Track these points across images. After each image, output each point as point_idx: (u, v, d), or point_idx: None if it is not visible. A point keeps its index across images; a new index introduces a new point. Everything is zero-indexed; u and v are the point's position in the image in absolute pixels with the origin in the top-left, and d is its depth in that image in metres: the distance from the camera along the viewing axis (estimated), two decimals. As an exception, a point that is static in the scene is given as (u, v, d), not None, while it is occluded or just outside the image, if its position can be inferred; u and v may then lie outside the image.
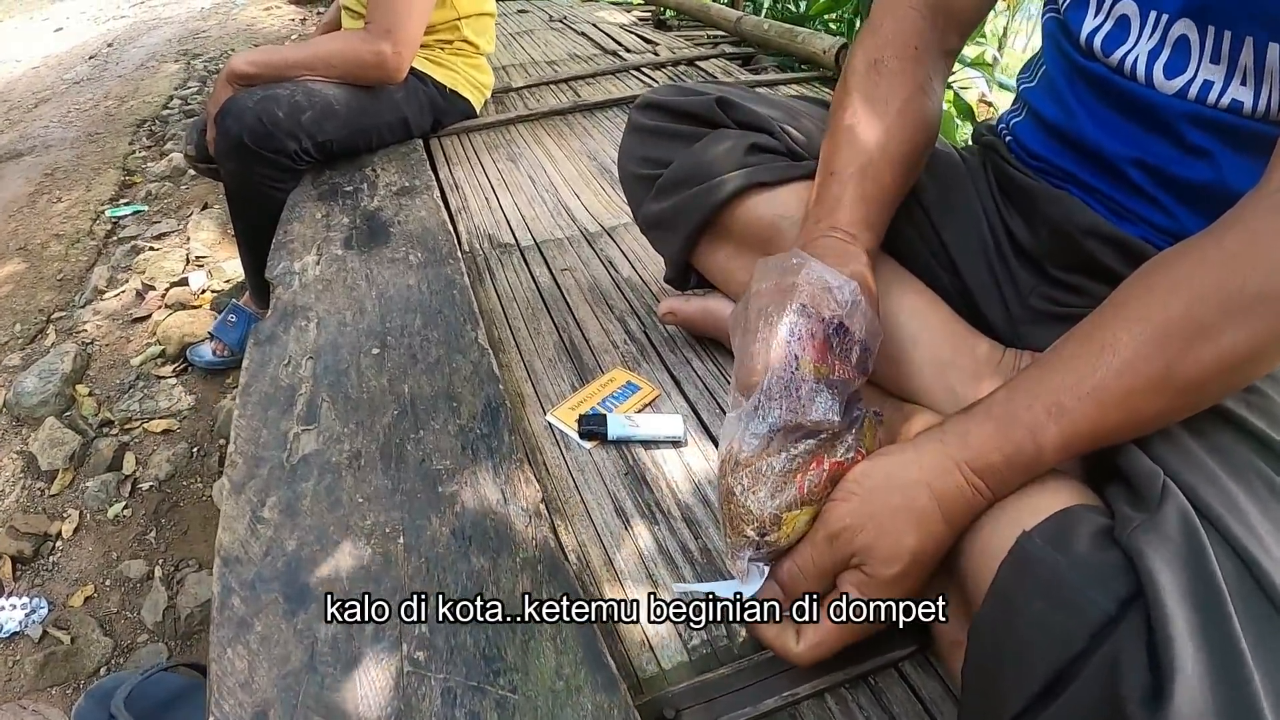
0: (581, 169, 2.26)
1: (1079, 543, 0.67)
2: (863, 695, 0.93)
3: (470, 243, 1.93)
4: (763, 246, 1.18)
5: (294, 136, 2.05)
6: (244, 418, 1.26)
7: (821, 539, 0.80)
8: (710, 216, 1.21)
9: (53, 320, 3.09)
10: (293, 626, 0.95)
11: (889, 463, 0.80)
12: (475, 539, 1.05)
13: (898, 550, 0.76)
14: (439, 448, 1.19)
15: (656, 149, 1.33)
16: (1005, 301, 1.10)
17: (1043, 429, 0.73)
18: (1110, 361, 0.72)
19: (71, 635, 1.92)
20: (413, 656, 0.91)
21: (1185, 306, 0.70)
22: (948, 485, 0.75)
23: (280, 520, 1.08)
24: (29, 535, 2.16)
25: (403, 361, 1.37)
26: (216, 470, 2.32)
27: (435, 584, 0.99)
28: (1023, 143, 1.11)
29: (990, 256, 1.11)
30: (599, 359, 1.49)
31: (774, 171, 1.17)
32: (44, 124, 5.01)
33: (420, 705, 0.87)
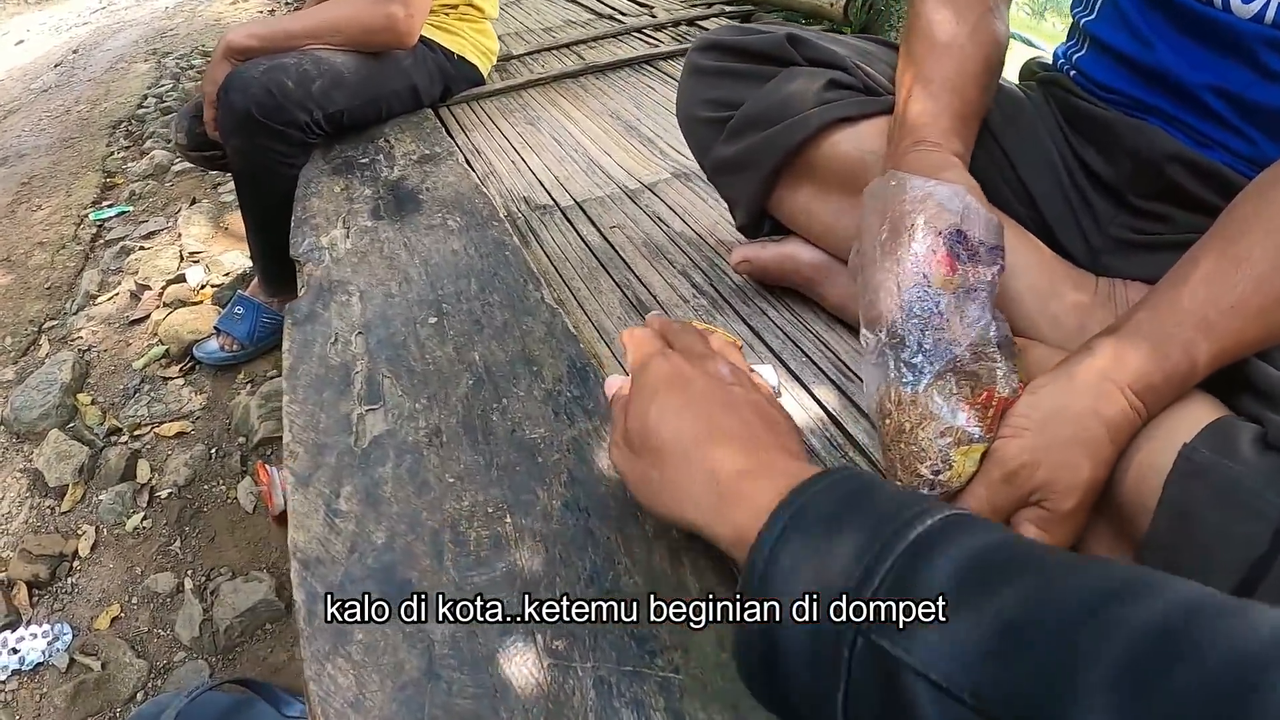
0: (606, 128, 2.14)
1: (1243, 449, 0.68)
2: None
3: (506, 206, 1.80)
4: (847, 185, 1.13)
5: (304, 107, 1.92)
6: (296, 403, 1.13)
7: (998, 478, 0.77)
8: (791, 155, 1.15)
9: (45, 330, 2.95)
10: (401, 630, 0.81)
11: (1053, 394, 0.78)
12: (593, 509, 0.92)
13: (1076, 482, 0.74)
14: (529, 415, 1.06)
15: (724, 90, 1.26)
16: (1084, 232, 1.09)
17: (1195, 346, 0.74)
18: (1248, 274, 0.73)
19: (101, 660, 1.78)
20: (551, 647, 0.78)
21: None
22: (1114, 410, 0.74)
23: (362, 511, 0.94)
24: (44, 557, 2.01)
25: (466, 328, 1.23)
26: (239, 471, 2.18)
27: (559, 564, 0.86)
28: (1091, 76, 1.10)
29: (1065, 189, 1.10)
30: (670, 314, 1.37)
31: (857, 105, 1.13)
32: (15, 135, 4.86)
33: (571, 700, 0.74)
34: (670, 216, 1.66)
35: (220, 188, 3.62)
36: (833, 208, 1.18)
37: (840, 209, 1.17)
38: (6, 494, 2.24)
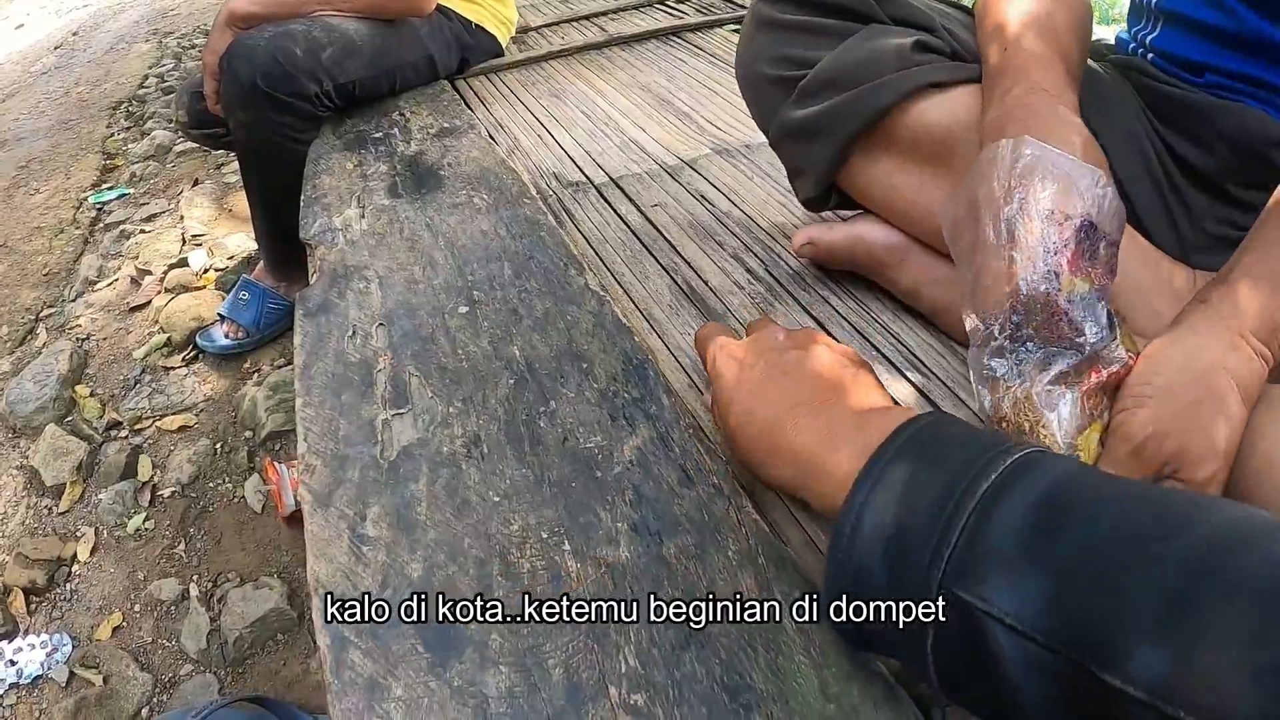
0: (639, 101, 2.00)
1: None
2: None
3: (535, 183, 1.66)
4: (933, 158, 1.04)
5: (314, 77, 1.79)
6: (311, 406, 0.99)
7: (1126, 455, 0.72)
8: (873, 122, 1.04)
9: (42, 318, 2.85)
10: (448, 684, 0.68)
11: (1174, 355, 0.74)
12: (665, 532, 0.78)
13: (1212, 446, 0.69)
14: (582, 421, 0.92)
15: (797, 46, 1.13)
16: (1176, 226, 1.03)
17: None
18: None
19: (103, 674, 1.67)
20: (629, 702, 0.65)
21: None
22: (1240, 362, 0.71)
23: (393, 537, 0.81)
24: (41, 562, 1.90)
25: (503, 319, 1.10)
26: (246, 467, 2.06)
27: (628, 593, 0.73)
28: (1177, 55, 1.05)
29: (1156, 177, 1.03)
30: (725, 302, 1.24)
31: (949, 70, 1.03)
32: (13, 118, 4.79)
33: (657, 775, 0.61)
34: (715, 195, 1.52)
35: (224, 168, 3.50)
36: (915, 182, 1.06)
37: (924, 184, 1.05)
38: (1, 494, 2.12)
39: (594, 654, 0.68)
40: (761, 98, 1.20)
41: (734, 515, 0.79)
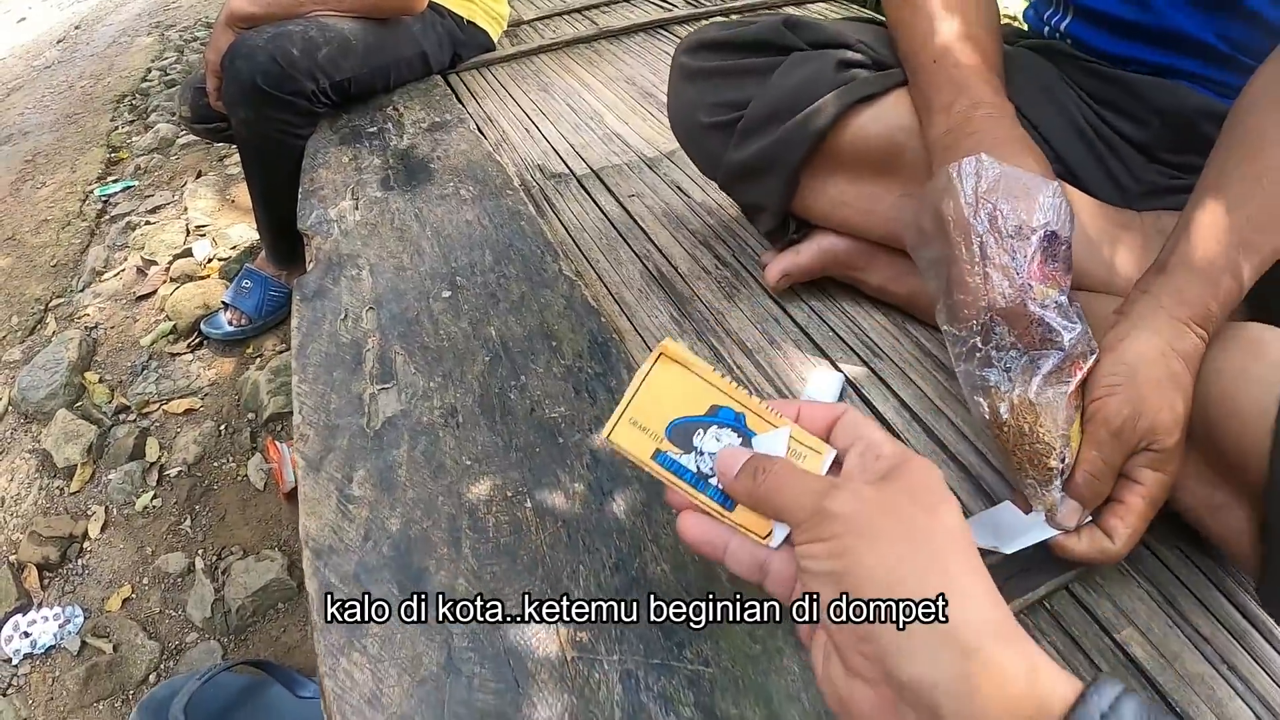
0: (623, 95, 2.07)
1: None
2: (1043, 619, 0.88)
3: (520, 175, 1.74)
4: (880, 168, 1.08)
5: (311, 76, 1.86)
6: (305, 383, 1.08)
7: (1107, 438, 0.78)
8: (815, 147, 1.08)
9: (51, 308, 2.91)
10: (419, 624, 0.77)
11: (1132, 345, 0.79)
12: (618, 491, 0.87)
13: (1176, 417, 0.76)
14: (548, 393, 1.01)
15: (726, 91, 1.17)
16: (1115, 178, 1.08)
17: (1239, 267, 0.78)
18: (1272, 189, 0.77)
19: (114, 643, 1.76)
20: (576, 639, 0.74)
21: None
22: (1186, 345, 0.77)
23: (375, 496, 0.90)
24: (53, 539, 1.98)
25: (481, 302, 1.19)
26: (249, 447, 2.14)
27: (583, 550, 0.82)
28: (1093, 46, 1.11)
29: (1090, 141, 1.09)
30: (692, 287, 1.32)
31: (876, 82, 1.06)
32: (18, 112, 4.80)
33: (597, 695, 0.71)
34: (690, 186, 1.60)
35: (226, 160, 3.57)
36: (867, 192, 1.11)
37: (875, 192, 1.10)
38: (15, 475, 2.20)
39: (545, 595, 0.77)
40: (702, 146, 1.24)
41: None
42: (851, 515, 0.51)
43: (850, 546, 0.51)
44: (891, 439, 0.59)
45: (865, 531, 0.51)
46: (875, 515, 0.51)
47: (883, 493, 0.53)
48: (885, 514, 0.51)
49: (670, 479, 0.61)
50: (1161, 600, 0.87)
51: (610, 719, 0.69)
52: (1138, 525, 0.79)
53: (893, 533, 0.50)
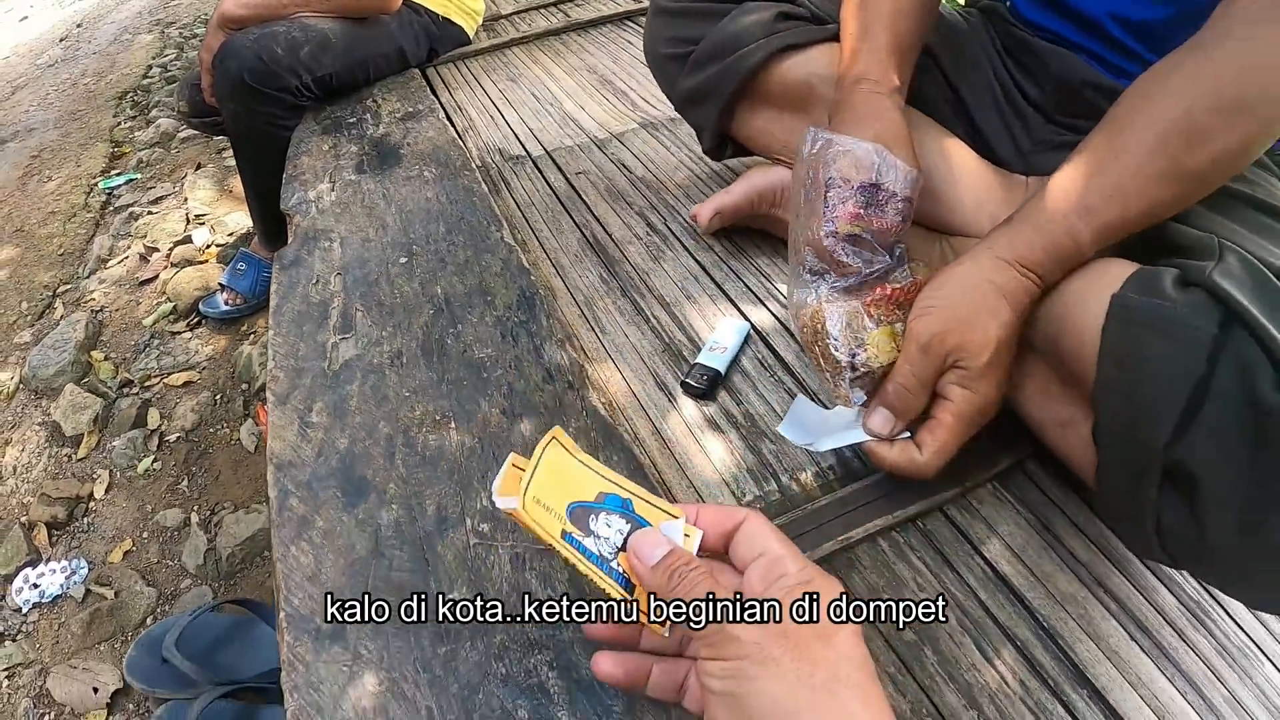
0: (583, 83, 2.22)
1: (1166, 289, 0.76)
2: (913, 536, 0.97)
3: (481, 157, 1.89)
4: (799, 106, 1.27)
5: (294, 72, 2.02)
6: (280, 335, 1.25)
7: (916, 352, 0.87)
8: (745, 83, 1.27)
9: (59, 294, 3.06)
10: (354, 518, 0.94)
11: (955, 274, 0.89)
12: (527, 416, 1.04)
13: (986, 339, 0.85)
14: (479, 338, 1.18)
15: (685, 28, 1.38)
16: (1015, 139, 1.20)
17: (1076, 227, 0.84)
18: (1125, 164, 0.83)
19: (115, 590, 1.92)
20: (478, 530, 0.90)
21: (1184, 113, 0.81)
22: (1008, 280, 0.85)
23: (329, 422, 1.07)
24: (61, 500, 2.15)
25: (432, 266, 1.35)
26: (242, 414, 2.31)
27: (490, 459, 0.98)
28: (1020, 13, 1.23)
29: (1000, 104, 1.21)
30: (623, 250, 1.48)
31: (802, 35, 1.25)
32: (23, 110, 4.91)
33: (491, 573, 0.87)
34: (634, 163, 1.75)
35: (224, 153, 3.72)
36: (787, 126, 1.31)
37: (794, 127, 1.29)
38: (26, 446, 2.37)
39: (458, 495, 0.94)
40: (663, 72, 1.46)
41: (577, 404, 1.05)
42: (751, 641, 0.53)
43: (749, 672, 0.52)
44: (795, 554, 0.60)
45: (764, 659, 0.52)
46: (775, 643, 0.53)
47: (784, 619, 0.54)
48: (784, 642, 0.53)
49: (577, 558, 0.63)
50: (1037, 524, 0.96)
51: (499, 591, 0.86)
52: (946, 440, 0.88)
53: (789, 665, 0.52)
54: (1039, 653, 0.85)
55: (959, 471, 0.98)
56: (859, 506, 0.97)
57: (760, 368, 1.19)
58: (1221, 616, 0.88)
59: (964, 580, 0.92)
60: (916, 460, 0.89)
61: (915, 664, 0.85)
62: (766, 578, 0.58)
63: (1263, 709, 0.81)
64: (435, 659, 0.81)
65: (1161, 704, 0.81)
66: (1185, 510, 0.74)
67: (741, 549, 0.62)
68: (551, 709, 0.77)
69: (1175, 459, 0.72)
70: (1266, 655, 0.85)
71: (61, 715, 1.74)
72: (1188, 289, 0.76)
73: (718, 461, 1.06)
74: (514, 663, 0.80)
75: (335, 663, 0.81)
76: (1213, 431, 0.70)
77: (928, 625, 0.87)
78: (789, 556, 0.59)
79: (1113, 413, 0.78)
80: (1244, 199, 0.90)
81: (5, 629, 1.91)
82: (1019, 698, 0.82)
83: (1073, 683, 0.83)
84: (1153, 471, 0.74)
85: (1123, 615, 0.87)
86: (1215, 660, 0.84)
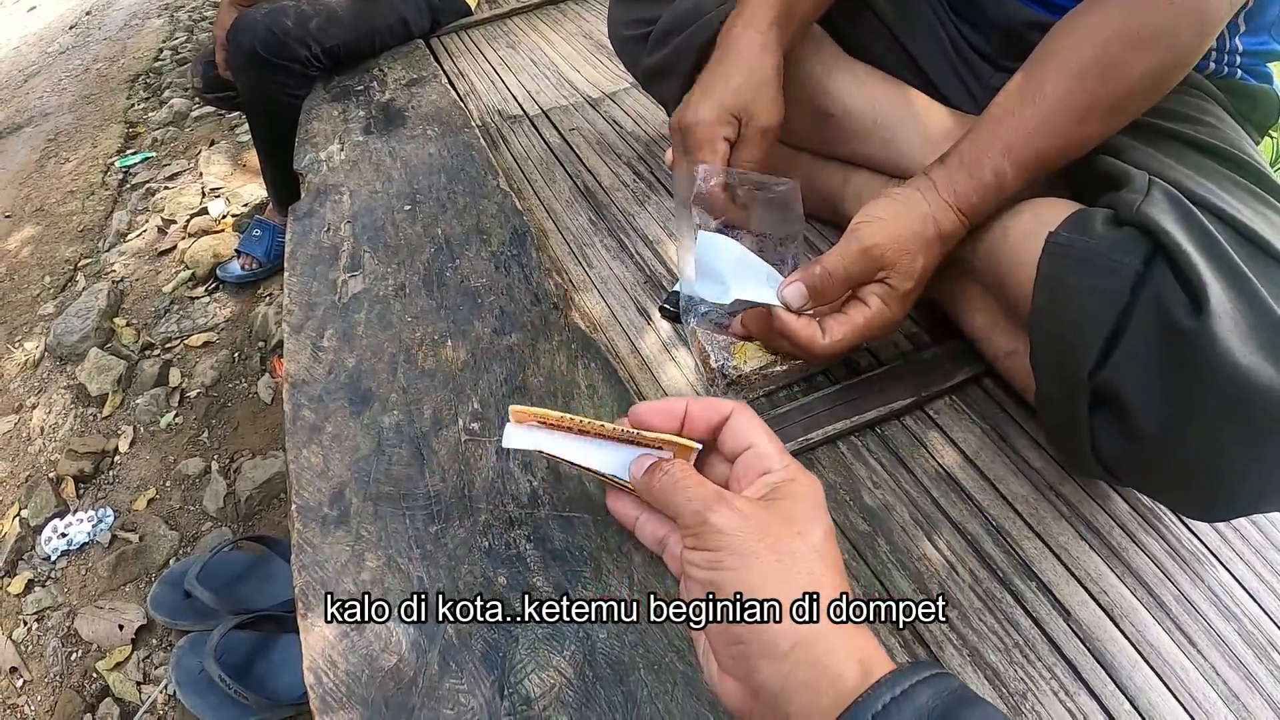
0: (579, 48, 2.30)
1: (1097, 227, 0.82)
2: (871, 440, 1.04)
3: (481, 118, 1.98)
4: None
5: (304, 44, 2.11)
6: (294, 276, 1.35)
7: (856, 251, 0.92)
8: (703, 54, 1.27)
9: (80, 268, 3.18)
10: (359, 423, 1.04)
11: (902, 198, 0.94)
12: (515, 333, 1.14)
13: (913, 268, 0.91)
14: (475, 270, 1.27)
15: (642, 9, 1.42)
16: (966, 85, 1.23)
17: (1000, 166, 0.90)
18: (1042, 103, 0.88)
19: (139, 534, 2.04)
20: (469, 428, 1.00)
21: (1097, 49, 0.86)
22: (946, 220, 0.92)
23: (339, 346, 1.16)
24: (88, 454, 2.27)
25: (433, 211, 1.44)
26: (259, 370, 2.42)
27: (483, 370, 1.09)
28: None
29: (950, 57, 1.23)
30: (610, 196, 1.56)
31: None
32: (37, 96, 5.02)
33: (479, 464, 0.97)
34: (624, 119, 1.84)
35: (237, 129, 3.83)
36: None
37: None
38: (52, 408, 2.48)
39: (452, 401, 1.04)
40: (627, 53, 1.50)
41: (560, 321, 1.15)
42: (732, 533, 0.56)
43: (727, 563, 0.55)
44: (780, 451, 0.63)
45: (742, 551, 0.55)
46: (753, 537, 0.56)
47: (764, 514, 0.57)
48: (763, 536, 0.56)
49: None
50: (993, 435, 1.02)
51: (486, 480, 0.95)
52: (848, 335, 0.94)
53: (767, 557, 0.55)
54: (989, 546, 0.91)
55: (917, 383, 1.06)
56: (819, 413, 1.05)
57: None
58: (1174, 522, 0.93)
59: (918, 480, 0.98)
60: (817, 340, 0.94)
61: (868, 551, 0.93)
62: (750, 472, 0.62)
63: (1214, 609, 0.85)
64: (426, 536, 0.90)
65: (1110, 599, 0.86)
66: (1116, 429, 0.79)
67: (729, 441, 0.65)
68: (527, 575, 0.86)
69: (1102, 380, 0.78)
70: (1220, 560, 0.90)
71: (88, 652, 1.85)
72: (1119, 227, 0.81)
73: (688, 372, 1.15)
74: (496, 537, 0.89)
75: (339, 544, 0.91)
76: (1133, 355, 0.76)
77: (880, 518, 0.95)
78: (774, 453, 0.63)
79: (1045, 341, 0.84)
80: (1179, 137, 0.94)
81: (35, 576, 2.03)
82: (969, 585, 0.89)
83: (1021, 575, 0.88)
84: (1082, 393, 0.80)
85: (1074, 517, 0.93)
86: (1166, 562, 0.89)
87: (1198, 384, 0.71)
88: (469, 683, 0.78)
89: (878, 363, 1.12)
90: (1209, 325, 0.70)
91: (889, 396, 1.05)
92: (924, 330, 1.16)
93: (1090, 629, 0.84)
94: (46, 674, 1.83)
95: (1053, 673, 0.81)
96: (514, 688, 0.77)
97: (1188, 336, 0.71)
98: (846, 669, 0.50)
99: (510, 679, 0.78)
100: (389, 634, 0.82)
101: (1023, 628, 0.85)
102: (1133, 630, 0.84)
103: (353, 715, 0.77)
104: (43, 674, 1.83)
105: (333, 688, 0.79)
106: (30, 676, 1.84)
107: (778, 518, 0.57)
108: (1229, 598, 0.86)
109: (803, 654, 0.51)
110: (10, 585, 2.01)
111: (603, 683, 0.77)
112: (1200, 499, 0.80)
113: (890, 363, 1.11)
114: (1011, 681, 0.81)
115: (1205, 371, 0.70)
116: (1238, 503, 0.77)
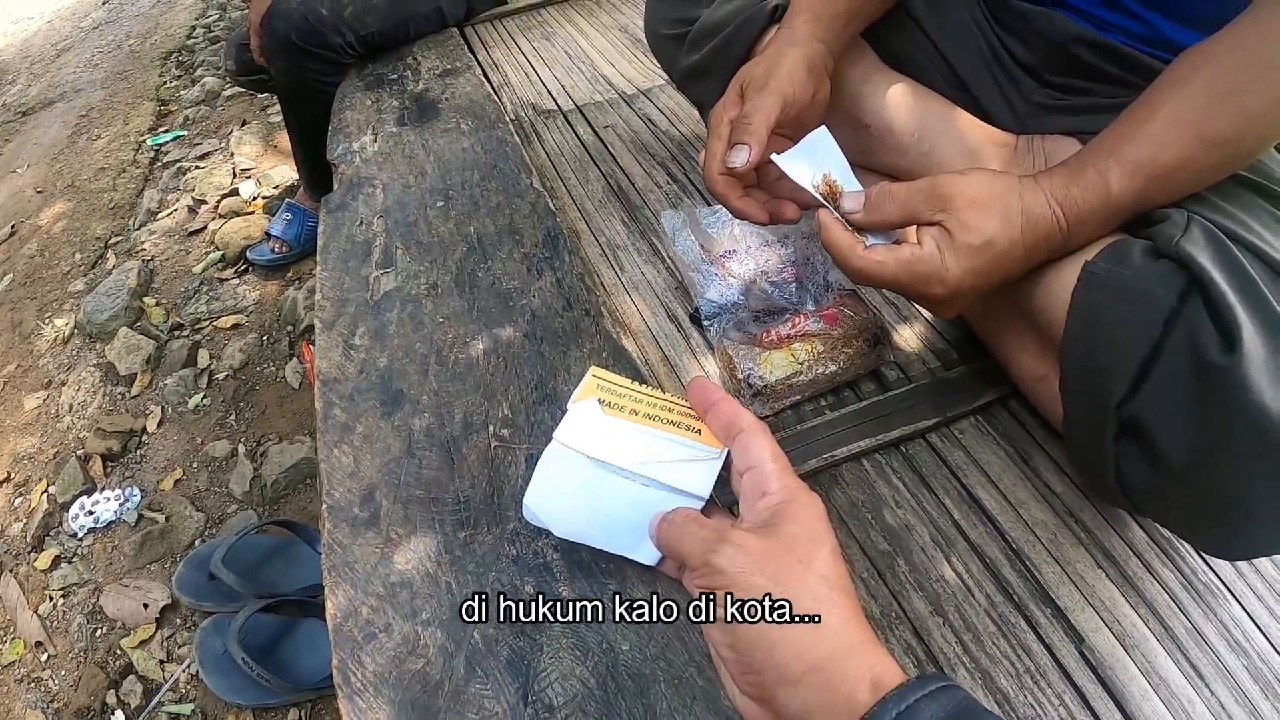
0: (614, 41, 2.30)
1: (1134, 259, 0.81)
2: (895, 459, 1.05)
3: (515, 112, 1.99)
4: None
5: (338, 31, 2.12)
6: (326, 271, 1.35)
7: (926, 184, 0.87)
8: (745, 54, 1.27)
9: (110, 245, 3.20)
10: (390, 424, 1.05)
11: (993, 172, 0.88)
12: (546, 338, 1.14)
13: (981, 227, 0.83)
14: (507, 272, 1.28)
15: (681, 9, 1.41)
16: (1009, 101, 1.19)
17: (1107, 168, 0.84)
18: (1155, 117, 0.83)
19: (166, 515, 2.07)
20: (499, 434, 1.01)
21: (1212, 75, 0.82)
22: (1036, 201, 0.85)
23: (370, 344, 1.18)
24: (116, 434, 2.29)
25: (466, 209, 1.45)
26: (287, 354, 2.44)
27: (513, 375, 1.10)
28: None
29: (991, 68, 1.20)
30: (644, 198, 1.57)
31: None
32: (70, 71, 5.04)
33: (508, 472, 0.98)
34: (659, 118, 1.85)
35: (268, 109, 3.85)
36: None
37: None
38: (81, 386, 2.51)
39: (483, 405, 1.05)
40: (664, 52, 1.49)
41: (592, 328, 1.16)
42: (734, 572, 0.58)
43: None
44: (781, 471, 0.64)
45: (746, 587, 0.57)
46: (755, 572, 0.57)
47: (765, 543, 0.59)
48: (764, 569, 0.57)
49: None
50: (1016, 457, 1.02)
51: (515, 487, 0.96)
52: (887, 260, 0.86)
53: (769, 590, 0.56)
54: (1006, 570, 0.93)
55: (943, 402, 1.07)
56: (845, 429, 1.06)
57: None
58: (1190, 554, 0.93)
59: (939, 500, 1.00)
60: (856, 251, 0.88)
61: (888, 571, 0.94)
62: (753, 492, 0.64)
63: (1224, 643, 0.86)
64: (455, 542, 0.92)
65: (1123, 628, 0.87)
66: (1141, 460, 0.79)
67: (738, 458, 0.67)
68: (554, 585, 0.87)
69: (1131, 413, 0.78)
70: (1233, 594, 0.90)
71: (113, 629, 1.88)
72: (1157, 260, 0.80)
73: (718, 382, 1.16)
74: (524, 546, 0.91)
75: (369, 545, 0.92)
76: (1163, 388, 0.75)
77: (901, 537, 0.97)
78: (773, 473, 0.63)
79: (1076, 368, 0.84)
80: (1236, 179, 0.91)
81: (62, 552, 2.06)
82: (984, 609, 0.90)
83: (1037, 600, 0.89)
84: (1110, 422, 0.79)
85: (1092, 545, 0.93)
86: (1181, 594, 0.89)
87: (1225, 421, 0.71)
88: (494, 688, 0.79)
89: (906, 379, 1.13)
90: (1240, 364, 0.70)
91: (915, 415, 1.07)
92: (952, 347, 1.17)
93: (1102, 657, 0.85)
94: (71, 649, 1.86)
95: (1061, 700, 0.83)
96: (538, 695, 0.79)
97: (1218, 373, 0.71)
98: (858, 688, 0.52)
99: (534, 686, 0.79)
100: (417, 636, 0.84)
101: (1035, 654, 0.86)
102: (1143, 661, 0.85)
103: (379, 716, 0.78)
104: (68, 649, 1.87)
105: (360, 687, 0.80)
106: (55, 651, 1.87)
107: (779, 545, 0.59)
108: (1239, 632, 0.87)
109: (815, 678, 0.54)
110: (38, 561, 2.04)
111: (624, 694, 0.78)
112: (1220, 536, 0.80)
113: (918, 380, 1.12)
114: (1021, 707, 0.82)
115: (1234, 410, 0.70)
116: (1259, 543, 0.78)
